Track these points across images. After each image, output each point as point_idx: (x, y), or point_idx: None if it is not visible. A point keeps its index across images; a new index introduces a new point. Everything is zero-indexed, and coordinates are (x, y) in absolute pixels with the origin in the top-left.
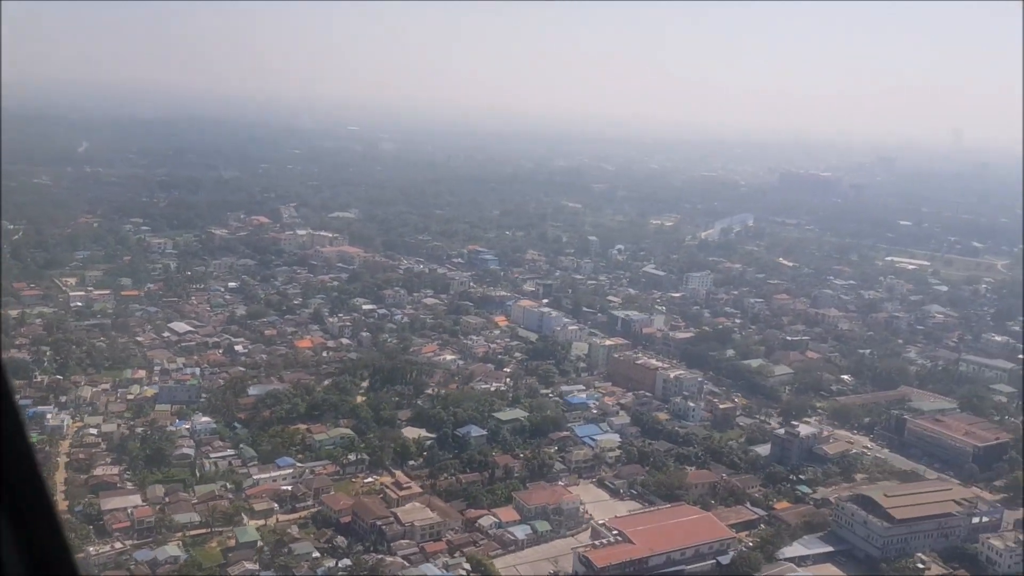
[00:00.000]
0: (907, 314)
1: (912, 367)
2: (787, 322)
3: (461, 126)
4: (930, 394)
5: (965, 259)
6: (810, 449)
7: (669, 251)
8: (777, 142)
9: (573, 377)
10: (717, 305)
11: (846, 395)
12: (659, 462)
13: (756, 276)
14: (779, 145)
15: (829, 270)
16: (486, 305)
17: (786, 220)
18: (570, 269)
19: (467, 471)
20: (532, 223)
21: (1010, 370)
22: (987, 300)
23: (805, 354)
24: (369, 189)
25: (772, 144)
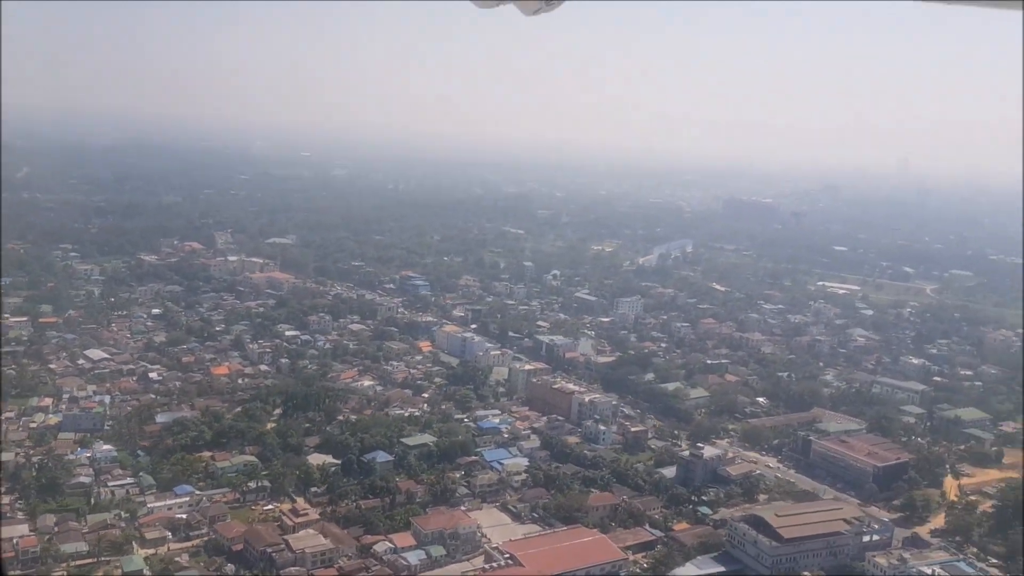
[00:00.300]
0: (830, 337)
1: (827, 389)
2: (711, 346)
3: (419, 153)
4: (841, 416)
5: (895, 284)
6: (714, 471)
7: (605, 276)
8: (729, 170)
9: (491, 402)
10: (644, 329)
11: (759, 417)
12: (564, 485)
13: (687, 301)
14: (731, 173)
15: (760, 295)
16: (412, 331)
17: (725, 246)
18: (503, 295)
19: (369, 497)
20: (471, 249)
21: (921, 391)
22: (909, 324)
23: (724, 377)
24: (311, 215)
25: (724, 172)
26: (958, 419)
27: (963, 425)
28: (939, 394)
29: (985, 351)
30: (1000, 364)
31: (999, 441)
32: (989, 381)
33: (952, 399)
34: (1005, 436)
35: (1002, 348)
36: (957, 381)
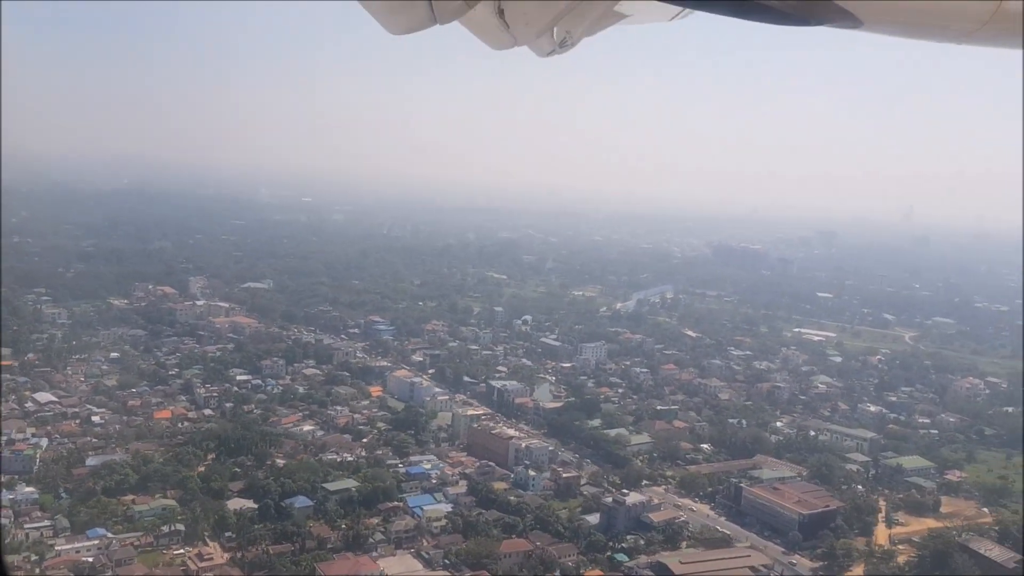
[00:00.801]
0: (791, 384)
1: (775, 436)
2: (668, 392)
3: (424, 197)
4: (783, 463)
5: (874, 331)
6: (637, 517)
7: (577, 322)
8: (731, 217)
9: (431, 447)
10: (603, 375)
11: (699, 464)
12: (482, 531)
13: (654, 347)
14: (732, 220)
15: (731, 341)
16: (365, 376)
17: (707, 292)
18: (468, 339)
19: (281, 542)
20: (447, 294)
21: (869, 439)
22: (876, 371)
23: (672, 423)
24: (294, 260)
25: (726, 219)
26: (900, 467)
27: (905, 474)
28: (889, 442)
29: (947, 399)
30: (960, 412)
31: (941, 490)
32: (946, 429)
33: (901, 447)
34: (948, 485)
35: (966, 396)
36: (912, 429)
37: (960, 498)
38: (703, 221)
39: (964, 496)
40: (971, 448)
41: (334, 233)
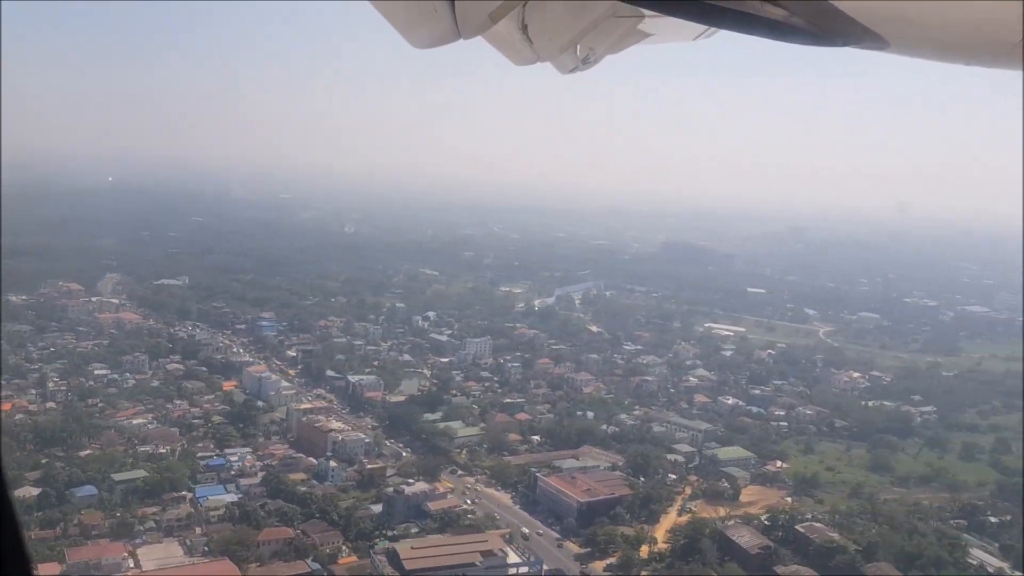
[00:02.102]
0: (666, 378)
1: (613, 428)
2: (533, 385)
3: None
4: (605, 453)
5: (790, 325)
6: (418, 506)
7: (484, 318)
8: (716, 211)
9: (258, 440)
10: (476, 369)
11: (519, 454)
12: (255, 521)
13: (547, 341)
14: (715, 214)
15: (629, 336)
16: (225, 371)
17: (637, 288)
18: (358, 335)
19: (47, 528)
20: (365, 290)
21: (704, 431)
22: (759, 364)
23: (515, 416)
24: (227, 257)
25: (709, 213)
26: (715, 458)
27: (721, 464)
28: (727, 434)
29: (816, 392)
30: (823, 405)
31: (755, 480)
32: (801, 421)
33: (734, 439)
34: (763, 475)
35: (840, 389)
36: (763, 421)
37: (772, 488)
38: (686, 216)
39: (778, 486)
40: (812, 440)
41: (292, 230)
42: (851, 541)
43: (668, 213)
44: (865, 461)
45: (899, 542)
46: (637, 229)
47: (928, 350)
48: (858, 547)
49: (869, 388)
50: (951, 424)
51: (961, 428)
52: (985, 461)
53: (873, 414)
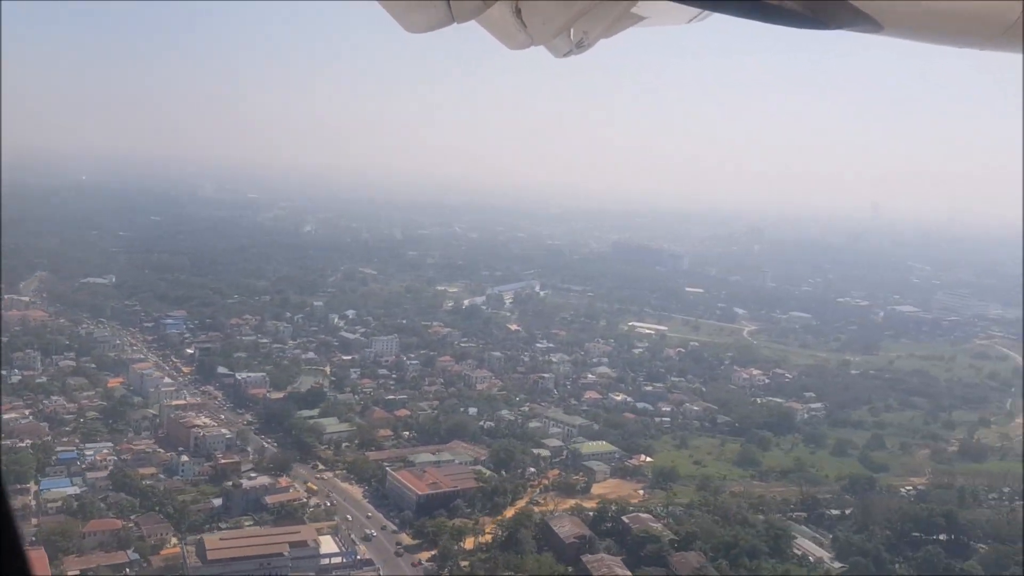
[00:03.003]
0: (566, 375)
1: (490, 423)
2: (427, 382)
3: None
4: (471, 447)
5: (717, 324)
6: (258, 499)
7: (403, 316)
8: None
9: (127, 435)
10: (374, 367)
11: (385, 449)
12: (90, 512)
13: (459, 339)
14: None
15: (547, 334)
16: (115, 367)
17: (573, 287)
18: (269, 333)
19: None
20: (295, 289)
21: (578, 425)
22: (663, 362)
23: (394, 412)
24: (167, 256)
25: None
26: (578, 452)
27: (583, 458)
28: (602, 428)
29: (710, 389)
30: (713, 401)
31: (615, 473)
32: (688, 417)
33: (606, 434)
34: (624, 469)
35: (737, 386)
36: (647, 417)
37: (631, 481)
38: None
39: (637, 479)
40: (693, 435)
41: (245, 230)
42: (669, 531)
43: (638, 213)
44: (734, 455)
45: (719, 532)
46: (601, 229)
47: (847, 349)
48: (675, 537)
49: (767, 385)
50: (837, 420)
51: (846, 424)
52: (855, 457)
53: (758, 410)
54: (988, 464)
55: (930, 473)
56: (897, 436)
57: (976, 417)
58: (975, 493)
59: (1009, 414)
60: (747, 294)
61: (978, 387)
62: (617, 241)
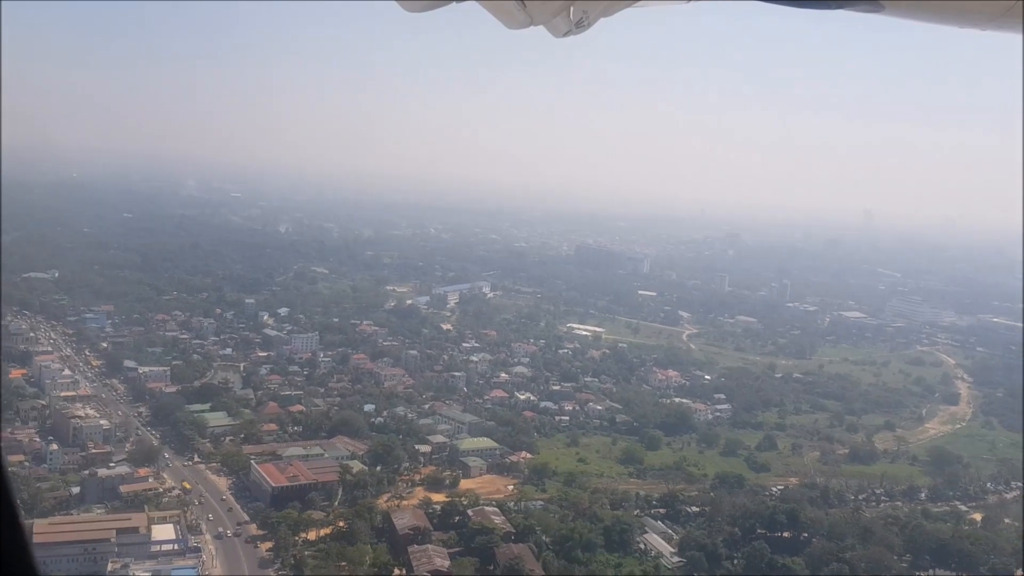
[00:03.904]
0: (480, 374)
1: (382, 420)
2: (335, 379)
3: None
4: (353, 442)
5: (657, 327)
6: (113, 488)
7: (338, 315)
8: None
9: (16, 425)
10: (286, 363)
11: (264, 444)
12: None
13: (385, 338)
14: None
15: (477, 335)
16: (22, 359)
17: (523, 289)
18: (194, 330)
19: None
20: (236, 287)
21: (468, 423)
22: (585, 362)
23: (287, 408)
24: (119, 253)
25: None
26: (456, 448)
27: (461, 454)
28: (490, 425)
29: (620, 390)
30: (620, 402)
31: (491, 469)
32: (591, 416)
33: (495, 432)
34: (502, 465)
35: (654, 388)
36: (548, 416)
37: (507, 476)
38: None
39: (512, 475)
40: (588, 433)
41: (216, 228)
42: (510, 525)
43: (624, 217)
44: (620, 454)
45: (559, 526)
46: (580, 233)
47: (781, 353)
48: (511, 530)
49: (682, 387)
50: (739, 422)
51: (747, 426)
52: (743, 457)
53: (658, 411)
54: (875, 466)
55: (810, 474)
56: (795, 438)
57: (883, 421)
58: (840, 493)
59: (919, 419)
60: (700, 298)
61: (899, 392)
62: (581, 244)
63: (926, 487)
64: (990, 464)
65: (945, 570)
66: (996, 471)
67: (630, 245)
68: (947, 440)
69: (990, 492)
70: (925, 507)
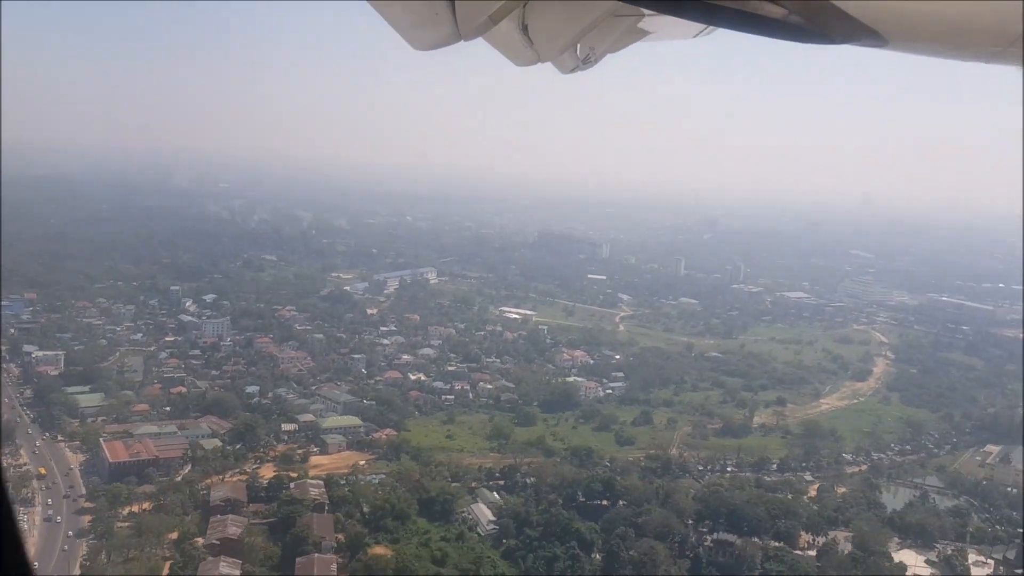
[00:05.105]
0: (381, 354)
1: (263, 400)
2: (232, 361)
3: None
4: (220, 421)
5: (599, 309)
6: None
7: (267, 302)
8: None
9: None
10: (187, 347)
11: (131, 423)
12: None
13: (302, 322)
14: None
15: (401, 319)
16: None
17: (470, 274)
18: (110, 316)
19: None
20: (176, 275)
21: (344, 403)
22: (498, 344)
23: (171, 391)
24: (74, 244)
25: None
26: (319, 426)
27: (323, 431)
28: (367, 405)
29: (518, 370)
30: (514, 381)
31: (351, 446)
32: (480, 395)
33: (369, 410)
34: (363, 442)
35: (559, 367)
36: (434, 395)
37: (364, 452)
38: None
39: (370, 451)
40: (470, 410)
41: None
42: (325, 497)
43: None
44: (491, 431)
45: (380, 497)
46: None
47: (708, 333)
48: (325, 501)
49: (585, 366)
50: (628, 399)
51: (634, 402)
52: (614, 432)
53: (545, 389)
54: (746, 440)
55: (666, 447)
56: (678, 414)
57: (776, 397)
58: (684, 464)
59: (816, 395)
60: (649, 282)
61: (810, 369)
62: (543, 230)
63: (779, 459)
64: (863, 437)
65: (728, 533)
66: (863, 444)
67: (607, 231)
68: (835, 415)
69: (847, 464)
70: (760, 477)
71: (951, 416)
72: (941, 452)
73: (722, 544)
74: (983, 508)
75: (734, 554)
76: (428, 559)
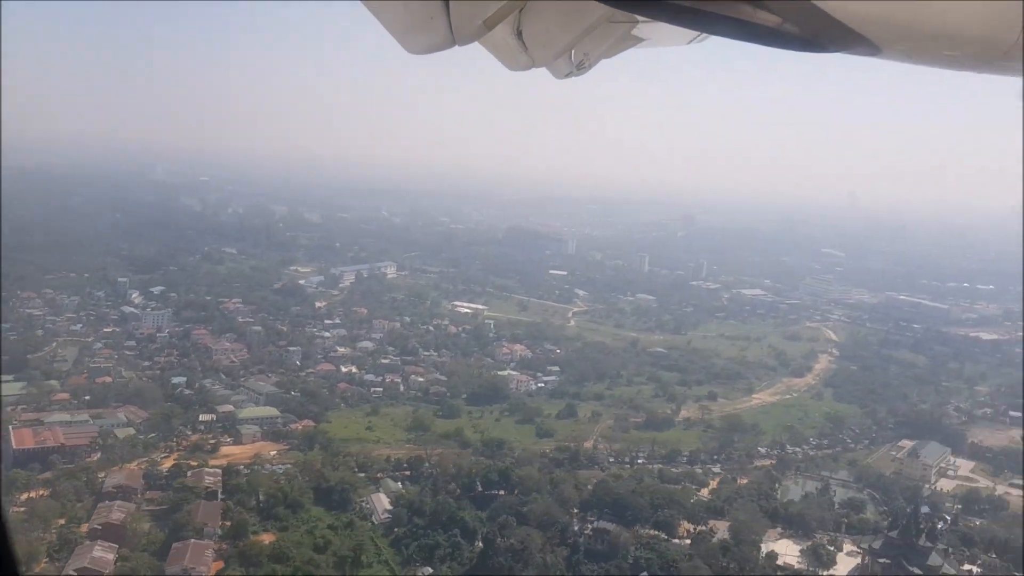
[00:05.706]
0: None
1: (188, 392)
2: (167, 352)
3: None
4: (139, 410)
5: (551, 304)
6: None
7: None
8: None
9: None
10: (126, 339)
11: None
12: None
13: (243, 314)
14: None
15: (349, 312)
16: None
17: (430, 268)
18: (52, 306)
19: None
20: (131, 267)
21: (267, 393)
22: (441, 338)
23: (95, 380)
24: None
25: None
26: (234, 416)
27: (238, 422)
28: (292, 397)
29: (454, 362)
30: (447, 374)
31: (266, 436)
32: (412, 387)
33: (288, 401)
34: (279, 433)
35: (494, 361)
36: (360, 387)
37: (279, 443)
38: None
39: (287, 442)
40: (389, 404)
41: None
42: (220, 485)
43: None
44: (412, 423)
45: (272, 486)
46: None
47: (658, 329)
48: (217, 490)
49: (523, 360)
50: (559, 393)
51: (565, 396)
52: (538, 424)
53: (476, 382)
54: (666, 433)
55: (580, 439)
56: (606, 407)
57: (707, 392)
58: (595, 457)
59: (749, 391)
60: (609, 278)
61: (751, 365)
62: (512, 226)
63: (690, 452)
64: (782, 432)
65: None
66: (780, 438)
67: (583, 227)
68: (763, 410)
69: (759, 457)
70: (667, 469)
71: (876, 412)
72: (858, 447)
73: (600, 532)
74: (883, 501)
75: (609, 542)
76: (310, 546)
